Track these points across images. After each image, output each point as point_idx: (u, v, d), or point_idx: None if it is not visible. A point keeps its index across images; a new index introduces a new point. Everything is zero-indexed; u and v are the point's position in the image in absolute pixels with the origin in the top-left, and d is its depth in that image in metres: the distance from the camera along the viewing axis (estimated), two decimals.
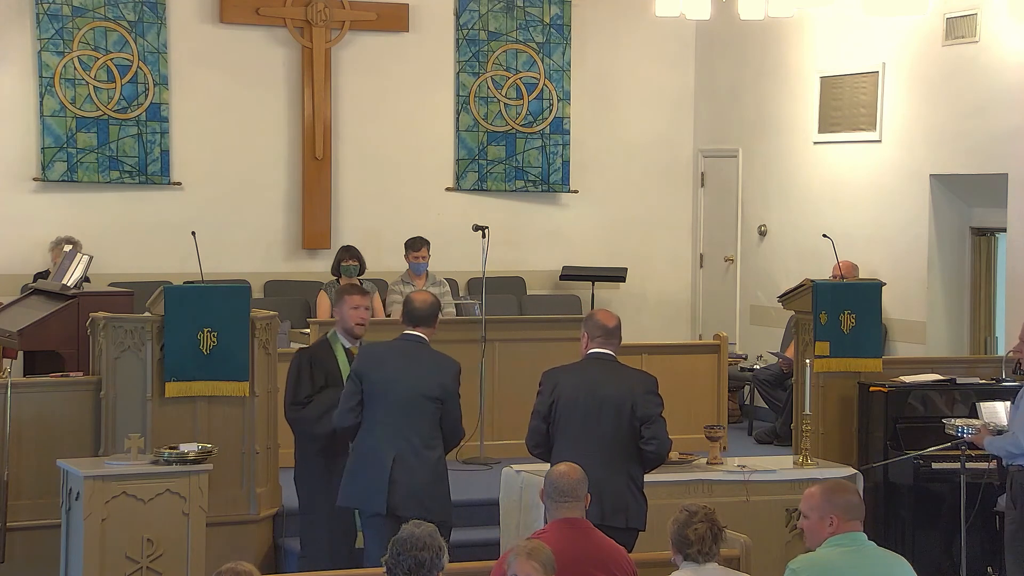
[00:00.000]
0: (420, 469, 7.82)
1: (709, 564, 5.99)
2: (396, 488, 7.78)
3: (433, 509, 7.70)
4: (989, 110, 11.79)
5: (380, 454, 7.82)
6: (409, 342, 8.01)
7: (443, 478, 7.92)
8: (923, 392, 9.77)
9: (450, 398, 7.90)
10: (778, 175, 14.05)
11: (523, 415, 11.20)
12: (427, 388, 7.86)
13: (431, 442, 7.88)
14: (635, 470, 7.56)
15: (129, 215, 13.37)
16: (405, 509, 7.66)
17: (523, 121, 14.53)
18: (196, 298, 8.91)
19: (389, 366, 7.92)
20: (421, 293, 8.25)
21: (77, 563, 8.04)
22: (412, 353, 7.97)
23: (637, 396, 7.55)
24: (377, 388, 7.88)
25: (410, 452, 7.82)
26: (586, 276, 14.47)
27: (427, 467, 7.84)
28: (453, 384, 7.94)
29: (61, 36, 13.06)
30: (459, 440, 8.13)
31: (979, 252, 12.40)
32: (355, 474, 7.92)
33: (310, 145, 13.76)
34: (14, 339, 9.60)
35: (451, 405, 7.91)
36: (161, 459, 8.16)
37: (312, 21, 13.71)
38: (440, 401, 7.87)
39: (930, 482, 9.43)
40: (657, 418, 7.53)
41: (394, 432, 7.84)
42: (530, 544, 5.73)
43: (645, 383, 7.68)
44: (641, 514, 7.54)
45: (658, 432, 7.51)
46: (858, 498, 6.09)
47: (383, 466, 7.80)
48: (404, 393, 7.85)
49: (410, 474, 7.80)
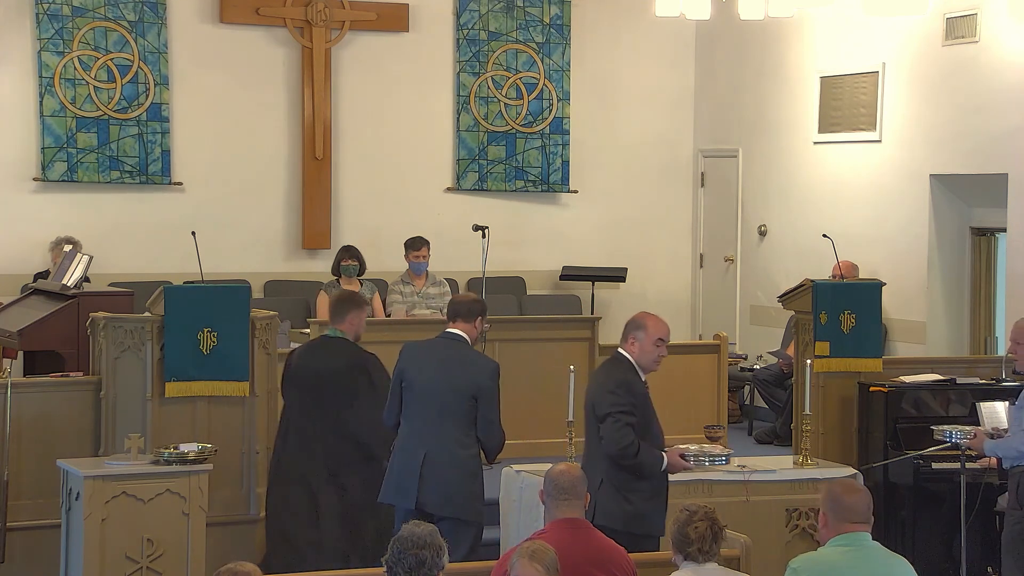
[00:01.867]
0: (450, 467, 7.87)
1: (709, 564, 6.00)
2: (425, 485, 7.85)
3: (463, 507, 7.78)
4: (989, 110, 11.79)
5: (413, 451, 7.91)
6: (448, 340, 8.07)
7: (474, 477, 7.94)
8: (923, 392, 9.76)
9: (484, 396, 7.90)
10: (778, 175, 14.05)
11: (523, 415, 11.28)
12: (461, 386, 7.90)
13: (465, 440, 7.91)
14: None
15: (129, 215, 13.37)
16: (434, 507, 7.79)
17: (523, 121, 14.53)
18: (196, 298, 8.91)
19: (426, 363, 8.00)
20: (466, 293, 8.25)
21: (77, 563, 8.04)
22: (449, 351, 8.03)
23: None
24: (414, 385, 7.98)
25: (441, 450, 7.88)
26: (586, 276, 14.47)
27: (457, 465, 7.88)
28: (488, 383, 7.93)
29: (61, 36, 13.06)
30: (497, 442, 8.02)
31: (979, 252, 12.40)
32: (391, 470, 8.05)
33: (310, 145, 13.76)
34: (14, 339, 9.60)
35: (485, 404, 7.91)
36: (161, 459, 8.16)
37: (312, 21, 13.71)
38: (474, 399, 7.89)
39: (930, 482, 9.42)
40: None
41: (427, 429, 7.92)
42: (533, 545, 5.71)
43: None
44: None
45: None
46: (861, 501, 6.07)
47: (415, 463, 7.88)
48: (437, 390, 7.91)
49: (440, 472, 7.86)
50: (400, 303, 12.33)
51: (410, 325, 11.57)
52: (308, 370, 8.68)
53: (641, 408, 7.51)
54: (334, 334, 8.70)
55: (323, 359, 8.67)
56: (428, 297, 12.36)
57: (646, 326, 7.65)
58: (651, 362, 7.62)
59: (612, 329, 14.41)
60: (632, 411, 7.44)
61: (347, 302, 8.82)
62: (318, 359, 8.70)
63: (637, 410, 7.47)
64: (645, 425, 7.51)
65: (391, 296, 12.48)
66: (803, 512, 8.66)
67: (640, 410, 7.50)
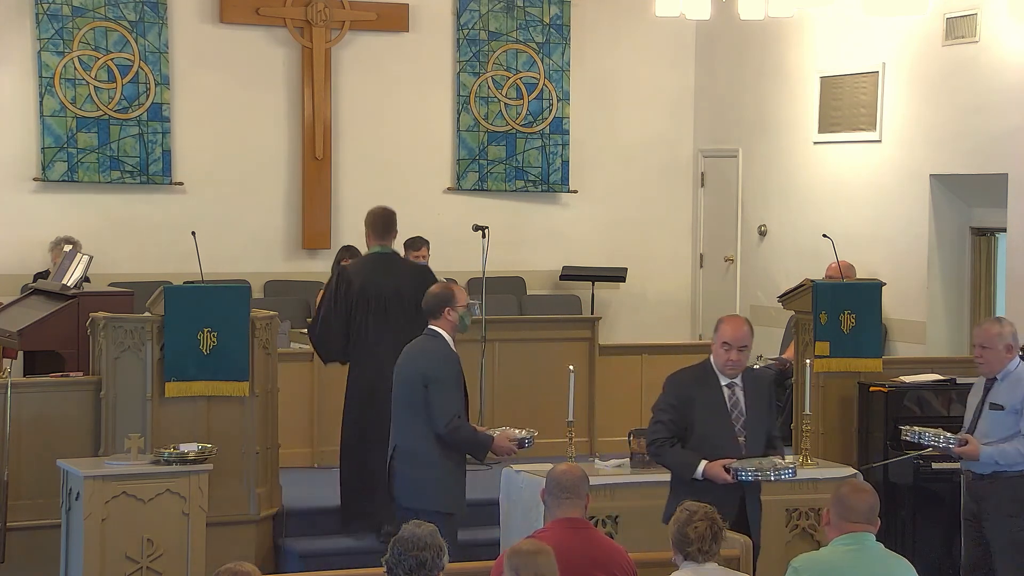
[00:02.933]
0: (413, 461, 7.85)
1: (709, 564, 6.00)
2: (395, 478, 7.91)
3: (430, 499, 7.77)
4: (989, 110, 11.79)
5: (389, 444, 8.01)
6: (426, 337, 8.03)
7: (435, 467, 7.84)
8: (923, 392, 9.76)
9: (432, 384, 7.78)
10: (778, 175, 14.05)
11: (523, 415, 11.28)
12: (413, 376, 7.86)
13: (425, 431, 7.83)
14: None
15: (129, 215, 13.37)
16: (405, 499, 7.83)
17: (523, 121, 14.54)
18: (196, 298, 8.92)
19: (401, 361, 8.03)
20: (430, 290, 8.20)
21: (77, 563, 8.05)
22: (417, 345, 8.02)
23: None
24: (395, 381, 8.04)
25: (406, 444, 7.90)
26: (586, 276, 14.47)
27: (420, 458, 7.84)
28: (435, 371, 7.80)
29: (61, 36, 13.06)
30: (441, 428, 7.74)
31: (979, 252, 12.40)
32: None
33: (310, 145, 13.77)
34: (14, 339, 9.60)
35: (433, 392, 7.78)
36: (161, 459, 8.17)
37: (312, 21, 13.71)
38: (425, 388, 7.82)
39: (930, 482, 9.42)
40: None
41: (396, 422, 7.97)
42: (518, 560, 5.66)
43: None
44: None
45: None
46: (865, 502, 6.06)
47: (386, 456, 7.99)
48: (398, 384, 7.95)
49: (406, 465, 7.87)
50: None
51: None
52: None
53: (685, 410, 7.34)
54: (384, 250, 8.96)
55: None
56: None
57: (717, 328, 7.44)
58: (722, 364, 7.39)
59: (612, 329, 14.46)
60: (669, 410, 7.33)
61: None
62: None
63: (678, 411, 7.33)
64: (690, 427, 7.32)
65: None
66: (803, 512, 8.65)
67: (684, 412, 7.33)
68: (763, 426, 7.47)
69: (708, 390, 7.36)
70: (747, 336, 7.37)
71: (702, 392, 7.36)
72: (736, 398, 7.40)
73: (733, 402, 7.40)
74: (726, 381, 7.39)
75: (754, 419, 7.41)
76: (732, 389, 7.40)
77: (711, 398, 7.36)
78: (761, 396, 7.51)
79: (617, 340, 13.78)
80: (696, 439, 7.33)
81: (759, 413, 7.45)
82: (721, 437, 7.33)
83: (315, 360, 10.97)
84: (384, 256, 9.40)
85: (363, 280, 9.22)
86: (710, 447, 7.29)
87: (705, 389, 7.36)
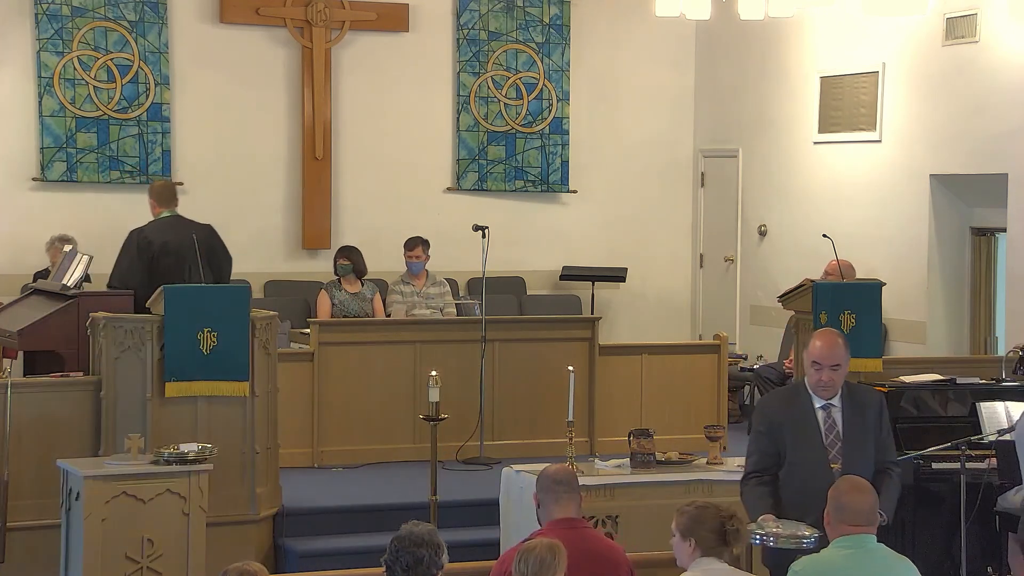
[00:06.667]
0: None
1: (718, 563, 5.87)
2: None
3: None
4: (989, 110, 11.79)
5: None
6: None
7: None
8: (923, 392, 9.75)
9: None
10: (778, 175, 14.06)
11: (523, 415, 11.28)
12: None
13: None
14: None
15: (129, 215, 13.33)
16: None
17: (523, 121, 14.53)
18: (196, 298, 8.91)
19: None
20: None
21: (77, 563, 8.04)
22: None
23: None
24: None
25: None
26: (586, 276, 14.47)
27: None
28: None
29: (61, 36, 13.06)
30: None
31: (979, 252, 12.40)
32: None
33: (310, 145, 13.77)
34: (14, 339, 9.59)
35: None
36: (161, 459, 8.16)
37: (312, 21, 13.71)
38: None
39: (930, 482, 9.40)
40: None
41: None
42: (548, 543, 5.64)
43: None
44: None
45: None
46: (864, 502, 5.99)
47: None
48: None
49: None
50: (400, 303, 12.33)
51: (410, 325, 11.58)
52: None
53: (774, 437, 6.78)
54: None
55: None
56: (428, 297, 12.36)
57: (807, 345, 6.87)
58: (813, 384, 6.80)
59: (612, 329, 14.46)
60: (757, 439, 6.84)
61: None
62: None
63: (767, 439, 6.80)
64: (783, 454, 6.78)
65: (391, 296, 12.48)
66: None
67: (773, 439, 6.78)
68: (863, 452, 6.81)
69: (799, 413, 6.77)
70: (839, 354, 6.78)
71: (792, 415, 6.79)
72: (832, 420, 6.80)
73: (828, 425, 6.79)
74: (820, 403, 6.79)
75: (853, 444, 6.77)
76: (828, 411, 6.81)
77: (802, 422, 6.77)
78: (865, 418, 6.86)
79: (617, 340, 13.78)
80: (787, 467, 6.78)
81: (860, 437, 6.80)
82: (812, 464, 6.72)
83: (315, 360, 10.99)
84: (173, 217, 10.17)
85: (162, 237, 9.97)
86: (800, 476, 6.73)
87: (795, 412, 6.78)
